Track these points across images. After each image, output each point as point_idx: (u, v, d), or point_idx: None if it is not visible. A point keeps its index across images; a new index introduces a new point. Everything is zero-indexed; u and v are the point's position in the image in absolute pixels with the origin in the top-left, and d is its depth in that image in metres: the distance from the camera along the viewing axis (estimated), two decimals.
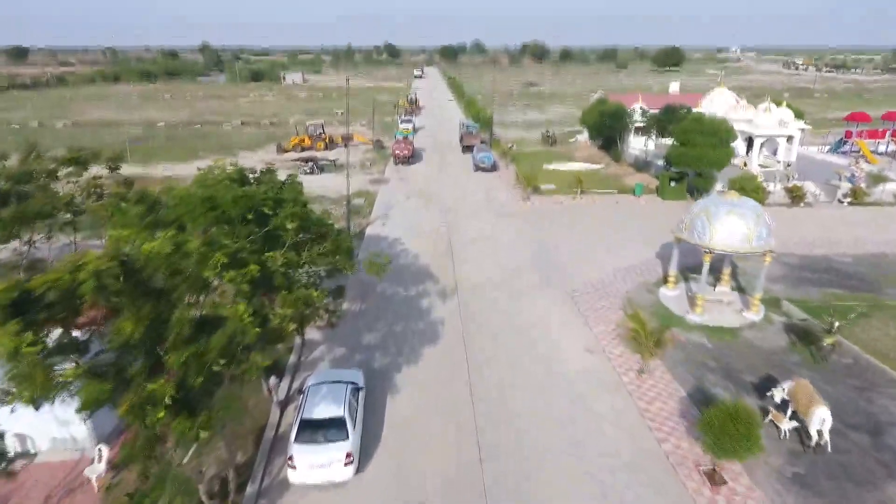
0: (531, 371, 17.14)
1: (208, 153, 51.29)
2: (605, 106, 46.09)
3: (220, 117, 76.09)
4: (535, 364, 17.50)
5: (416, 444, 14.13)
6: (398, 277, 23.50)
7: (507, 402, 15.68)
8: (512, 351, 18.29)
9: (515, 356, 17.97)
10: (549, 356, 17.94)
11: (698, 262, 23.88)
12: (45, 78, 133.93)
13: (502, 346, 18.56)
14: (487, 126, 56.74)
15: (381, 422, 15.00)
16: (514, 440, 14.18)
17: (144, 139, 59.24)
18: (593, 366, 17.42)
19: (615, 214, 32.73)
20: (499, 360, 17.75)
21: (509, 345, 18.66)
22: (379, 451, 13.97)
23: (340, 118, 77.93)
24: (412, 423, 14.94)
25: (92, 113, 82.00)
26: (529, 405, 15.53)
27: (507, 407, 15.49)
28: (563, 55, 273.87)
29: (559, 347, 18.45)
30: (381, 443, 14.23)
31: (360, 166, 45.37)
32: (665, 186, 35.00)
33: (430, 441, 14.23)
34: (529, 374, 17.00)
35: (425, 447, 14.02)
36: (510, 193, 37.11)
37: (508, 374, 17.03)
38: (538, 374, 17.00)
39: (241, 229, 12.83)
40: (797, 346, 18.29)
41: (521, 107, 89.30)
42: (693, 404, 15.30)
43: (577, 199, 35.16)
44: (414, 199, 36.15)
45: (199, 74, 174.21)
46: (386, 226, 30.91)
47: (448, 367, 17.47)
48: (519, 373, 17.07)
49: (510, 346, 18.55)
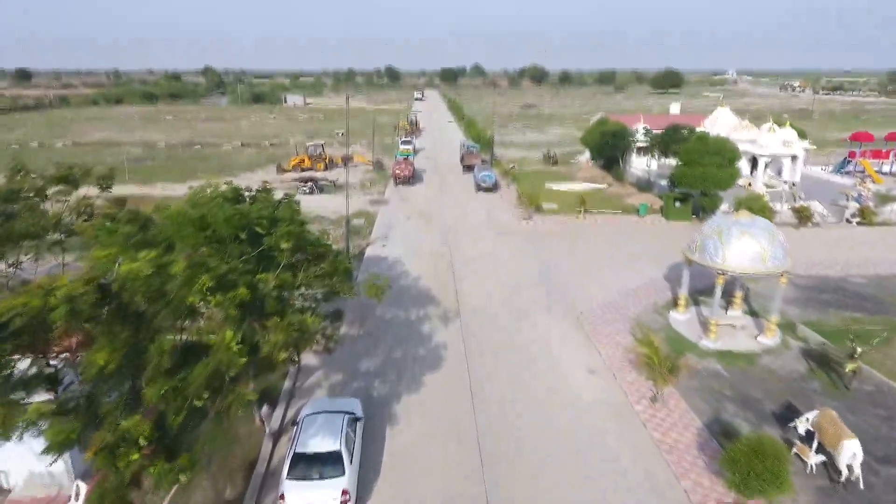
0: (539, 398, 16.25)
1: (207, 174, 50.98)
2: (606, 126, 45.90)
3: (221, 139, 76.15)
4: (544, 392, 16.62)
5: (418, 481, 13.19)
6: (398, 300, 22.72)
7: (514, 431, 14.76)
8: (518, 378, 17.42)
9: (522, 382, 17.10)
10: (558, 385, 17.06)
11: (707, 284, 23.18)
12: (47, 99, 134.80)
13: (507, 372, 17.69)
14: (488, 146, 56.59)
15: (381, 452, 14.08)
16: (521, 473, 13.24)
17: (144, 159, 59.04)
18: (604, 393, 16.54)
19: (619, 235, 32.09)
20: (504, 386, 16.87)
21: (515, 371, 17.80)
22: (379, 485, 13.03)
23: (341, 139, 78.13)
24: (413, 454, 14.01)
25: (93, 133, 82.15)
26: (537, 433, 14.62)
27: (513, 436, 14.58)
28: (562, 78, 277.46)
29: (568, 375, 17.59)
30: (380, 476, 13.29)
31: (360, 187, 44.94)
32: (670, 207, 34.45)
33: (433, 479, 13.29)
34: (537, 401, 16.11)
35: (427, 486, 13.08)
36: (512, 213, 36.54)
37: (514, 399, 16.13)
38: (547, 402, 16.10)
39: (234, 249, 12.14)
40: (817, 373, 17.44)
41: (521, 128, 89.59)
42: (712, 436, 14.40)
43: (581, 218, 34.57)
44: (414, 220, 35.58)
45: (202, 97, 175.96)
46: (386, 246, 30.24)
47: (451, 397, 16.58)
48: (526, 399, 16.18)
49: (516, 372, 17.69)
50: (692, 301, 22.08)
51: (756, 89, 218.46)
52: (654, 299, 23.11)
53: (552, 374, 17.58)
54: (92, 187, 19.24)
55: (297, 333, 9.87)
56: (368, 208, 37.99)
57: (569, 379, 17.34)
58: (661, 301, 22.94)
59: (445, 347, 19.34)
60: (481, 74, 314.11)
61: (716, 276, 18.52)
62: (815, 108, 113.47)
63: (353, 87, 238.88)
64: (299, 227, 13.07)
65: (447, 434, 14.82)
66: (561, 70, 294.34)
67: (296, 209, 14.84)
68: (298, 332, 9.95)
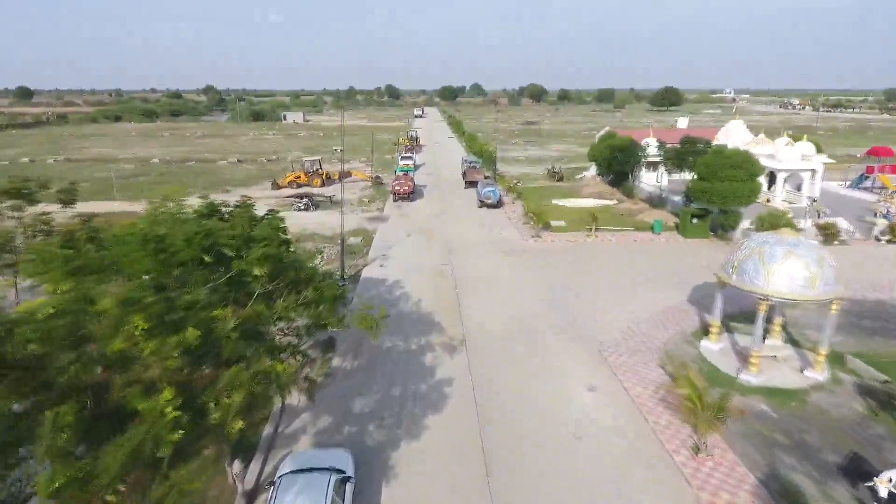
0: (561, 447, 13.92)
1: (200, 189, 49.08)
2: (614, 141, 44.08)
3: (218, 155, 74.53)
4: (567, 441, 14.28)
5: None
6: (398, 326, 20.49)
7: (533, 489, 12.42)
8: (534, 420, 15.09)
9: (539, 426, 14.77)
10: (582, 431, 14.73)
11: (739, 307, 21.00)
12: (45, 117, 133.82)
13: (522, 414, 15.37)
14: (490, 162, 54.80)
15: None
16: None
17: (136, 175, 57.20)
18: (638, 440, 14.20)
19: (634, 253, 29.96)
20: (519, 431, 14.54)
21: (530, 412, 15.47)
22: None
23: (339, 155, 76.57)
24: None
25: (88, 150, 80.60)
26: (562, 495, 12.27)
27: (532, 497, 12.23)
28: (561, 96, 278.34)
29: (594, 419, 15.26)
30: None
31: (358, 203, 42.97)
32: (686, 224, 32.37)
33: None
34: (559, 451, 13.77)
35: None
36: (518, 230, 34.43)
37: (532, 449, 13.80)
38: (570, 453, 13.77)
39: (198, 276, 10.00)
40: (879, 414, 15.12)
41: (523, 144, 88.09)
42: (772, 497, 12.06)
43: (592, 236, 32.48)
44: (415, 237, 33.47)
45: (202, 114, 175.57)
46: (385, 266, 28.05)
47: (457, 444, 14.25)
48: (546, 450, 13.84)
49: (531, 414, 15.36)
50: (724, 328, 19.85)
51: (754, 107, 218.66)
52: (680, 326, 20.87)
53: (574, 417, 15.25)
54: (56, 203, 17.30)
55: (263, 387, 7.66)
56: (366, 226, 35.92)
57: (595, 423, 15.00)
58: (688, 328, 20.69)
59: (450, 383, 17.05)
60: (481, 93, 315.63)
61: (755, 300, 16.33)
62: (819, 124, 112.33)
63: (354, 105, 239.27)
64: (278, 247, 10.93)
65: (452, 493, 12.48)
66: (560, 89, 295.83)
67: (279, 226, 12.73)
68: (265, 384, 7.74)
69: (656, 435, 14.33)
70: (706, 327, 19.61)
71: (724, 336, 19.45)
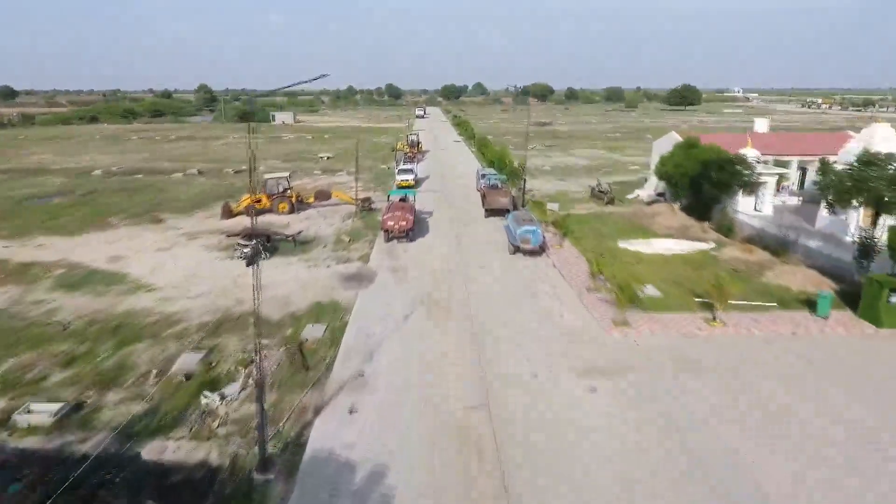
0: None
1: (124, 217, 36.20)
2: (702, 152, 30.99)
3: (179, 163, 61.70)
4: None
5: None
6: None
7: None
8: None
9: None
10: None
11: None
12: (7, 118, 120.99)
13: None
14: (516, 177, 41.78)
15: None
16: None
17: (57, 194, 44.40)
18: None
19: (812, 366, 16.89)
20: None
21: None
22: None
23: (325, 163, 63.65)
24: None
25: (28, 158, 67.83)
26: None
27: None
28: (568, 95, 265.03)
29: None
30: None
31: (334, 243, 30.00)
32: (882, 303, 19.24)
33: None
34: None
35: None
36: (587, 306, 21.10)
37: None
38: None
39: None
40: None
41: (543, 148, 75.00)
42: None
43: (717, 324, 19.36)
44: (418, 320, 20.31)
45: (189, 114, 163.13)
46: (357, 413, 14.76)
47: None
48: None
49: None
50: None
51: (774, 107, 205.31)
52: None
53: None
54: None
55: None
56: (339, 293, 22.78)
57: None
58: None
59: None
60: (483, 93, 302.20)
61: None
62: (861, 124, 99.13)
63: (353, 105, 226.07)
64: None
65: None
66: (567, 88, 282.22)
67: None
68: None
69: None
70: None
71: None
